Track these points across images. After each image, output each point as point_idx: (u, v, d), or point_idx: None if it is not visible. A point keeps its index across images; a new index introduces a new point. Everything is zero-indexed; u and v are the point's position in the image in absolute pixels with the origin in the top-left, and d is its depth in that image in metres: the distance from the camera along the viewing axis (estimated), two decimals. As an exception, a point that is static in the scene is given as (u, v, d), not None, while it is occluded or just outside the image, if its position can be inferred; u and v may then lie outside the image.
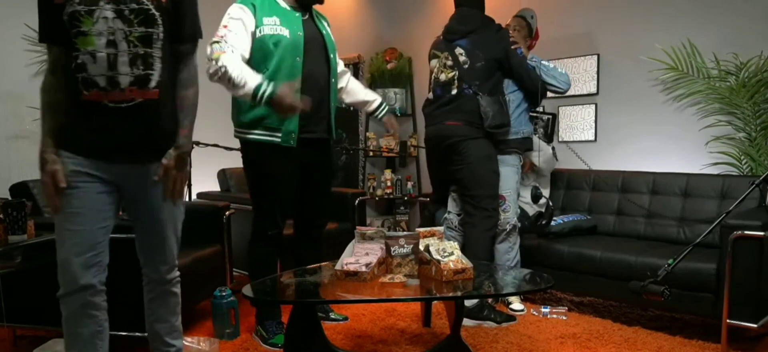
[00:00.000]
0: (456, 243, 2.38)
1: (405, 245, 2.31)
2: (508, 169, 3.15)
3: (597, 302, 3.26)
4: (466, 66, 3.04)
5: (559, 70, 3.26)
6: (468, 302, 2.87)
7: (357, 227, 2.51)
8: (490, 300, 3.05)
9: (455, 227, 3.24)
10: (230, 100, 2.62)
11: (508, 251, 3.16)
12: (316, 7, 2.70)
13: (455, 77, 3.08)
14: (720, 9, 3.49)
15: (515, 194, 3.18)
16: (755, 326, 2.41)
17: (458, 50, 3.08)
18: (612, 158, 3.95)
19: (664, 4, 3.70)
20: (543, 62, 3.23)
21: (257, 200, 2.67)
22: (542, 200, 3.39)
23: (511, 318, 2.98)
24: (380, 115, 2.96)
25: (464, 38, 3.08)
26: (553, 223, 3.25)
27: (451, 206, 3.30)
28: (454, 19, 3.18)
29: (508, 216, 3.14)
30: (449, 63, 3.11)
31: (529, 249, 3.24)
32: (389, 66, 5.15)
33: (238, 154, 3.65)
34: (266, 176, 2.60)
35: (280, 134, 2.52)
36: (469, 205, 3.07)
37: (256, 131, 2.53)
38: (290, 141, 2.54)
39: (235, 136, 2.64)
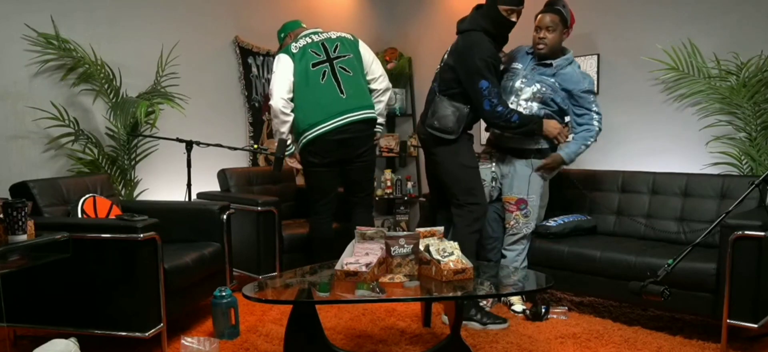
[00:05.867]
0: (456, 243, 2.38)
1: (405, 245, 2.31)
2: (532, 172, 3.10)
3: (597, 302, 3.26)
4: (441, 64, 3.06)
5: (594, 126, 3.11)
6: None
7: (357, 226, 2.51)
8: (483, 301, 3.01)
9: None
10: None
11: (518, 255, 3.16)
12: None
13: (436, 75, 3.11)
14: (720, 9, 3.48)
15: (539, 200, 3.11)
16: (755, 326, 2.41)
17: (449, 47, 3.07)
18: (612, 158, 3.95)
19: (664, 4, 3.70)
20: (587, 136, 3.10)
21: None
22: None
23: (502, 321, 2.88)
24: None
25: (458, 36, 3.03)
26: (553, 223, 3.23)
27: None
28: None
29: (529, 221, 3.09)
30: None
31: (529, 249, 3.23)
32: (389, 66, 5.14)
33: (238, 154, 3.65)
34: None
35: None
36: (452, 205, 3.06)
37: None
38: None
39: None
